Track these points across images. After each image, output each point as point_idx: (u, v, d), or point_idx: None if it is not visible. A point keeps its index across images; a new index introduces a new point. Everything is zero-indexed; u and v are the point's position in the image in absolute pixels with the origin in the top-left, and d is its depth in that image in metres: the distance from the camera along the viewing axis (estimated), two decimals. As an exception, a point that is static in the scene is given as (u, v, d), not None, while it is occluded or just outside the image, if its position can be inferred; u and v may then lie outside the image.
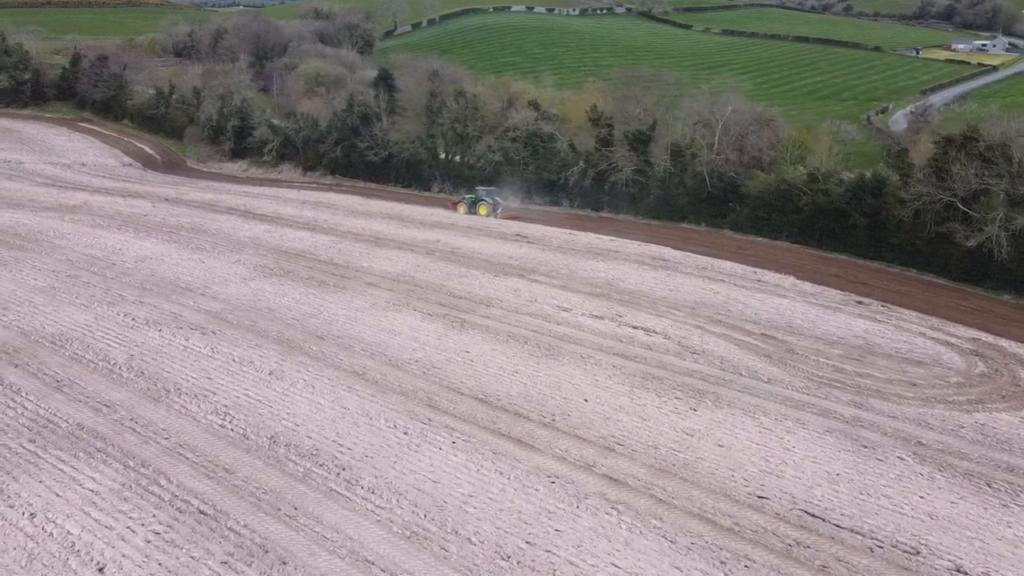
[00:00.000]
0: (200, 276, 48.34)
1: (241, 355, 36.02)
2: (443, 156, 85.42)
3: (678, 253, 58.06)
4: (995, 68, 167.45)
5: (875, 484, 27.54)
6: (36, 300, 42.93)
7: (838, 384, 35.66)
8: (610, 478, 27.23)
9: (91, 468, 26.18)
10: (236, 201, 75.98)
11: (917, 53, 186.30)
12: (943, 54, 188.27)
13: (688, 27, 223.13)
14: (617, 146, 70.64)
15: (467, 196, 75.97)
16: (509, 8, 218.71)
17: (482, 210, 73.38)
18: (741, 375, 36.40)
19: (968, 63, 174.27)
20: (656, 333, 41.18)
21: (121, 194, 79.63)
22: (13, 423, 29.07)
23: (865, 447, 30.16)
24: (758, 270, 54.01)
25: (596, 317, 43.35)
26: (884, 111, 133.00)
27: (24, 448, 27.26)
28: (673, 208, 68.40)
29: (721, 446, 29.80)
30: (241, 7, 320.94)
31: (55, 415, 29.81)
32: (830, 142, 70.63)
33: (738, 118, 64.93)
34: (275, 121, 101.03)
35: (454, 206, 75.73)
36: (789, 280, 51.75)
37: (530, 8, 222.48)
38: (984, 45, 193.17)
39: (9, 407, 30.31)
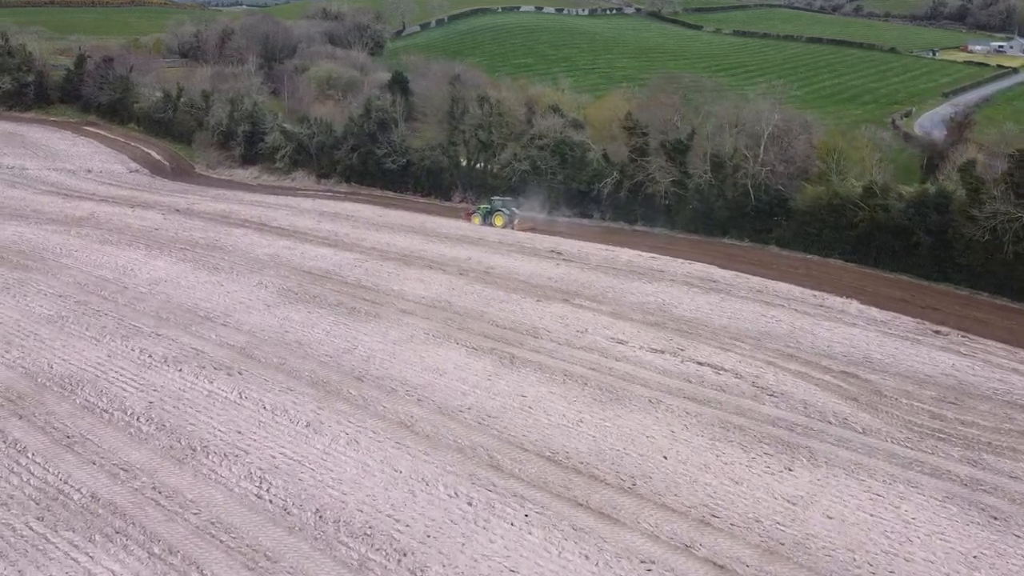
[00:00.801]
0: (220, 302, 44.18)
1: (273, 402, 31.87)
2: (464, 163, 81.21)
3: (727, 273, 53.88)
4: (1015, 70, 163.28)
5: (1021, 571, 23.45)
6: (42, 332, 38.79)
7: (942, 435, 31.53)
8: (714, 563, 23.17)
9: (109, 556, 22.11)
10: (250, 212, 71.80)
11: (934, 55, 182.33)
12: (960, 56, 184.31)
13: (699, 28, 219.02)
14: (652, 156, 66.39)
15: (482, 206, 72.03)
16: (518, 8, 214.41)
17: (498, 221, 69.44)
18: (831, 423, 32.29)
19: (987, 65, 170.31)
20: (725, 371, 37.05)
21: (129, 204, 75.44)
22: (19, 494, 24.97)
23: (995, 519, 26.07)
24: (817, 293, 49.86)
25: (656, 351, 39.21)
26: (908, 115, 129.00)
27: (31, 529, 23.17)
28: (713, 222, 64.22)
29: (831, 518, 25.71)
30: (245, 7, 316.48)
31: (66, 482, 25.70)
32: (868, 151, 66.68)
33: (787, 127, 60.69)
34: (288, 126, 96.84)
35: (468, 216, 71.78)
36: (854, 305, 47.58)
37: (539, 8, 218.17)
38: (1001, 46, 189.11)
39: (14, 472, 26.21)
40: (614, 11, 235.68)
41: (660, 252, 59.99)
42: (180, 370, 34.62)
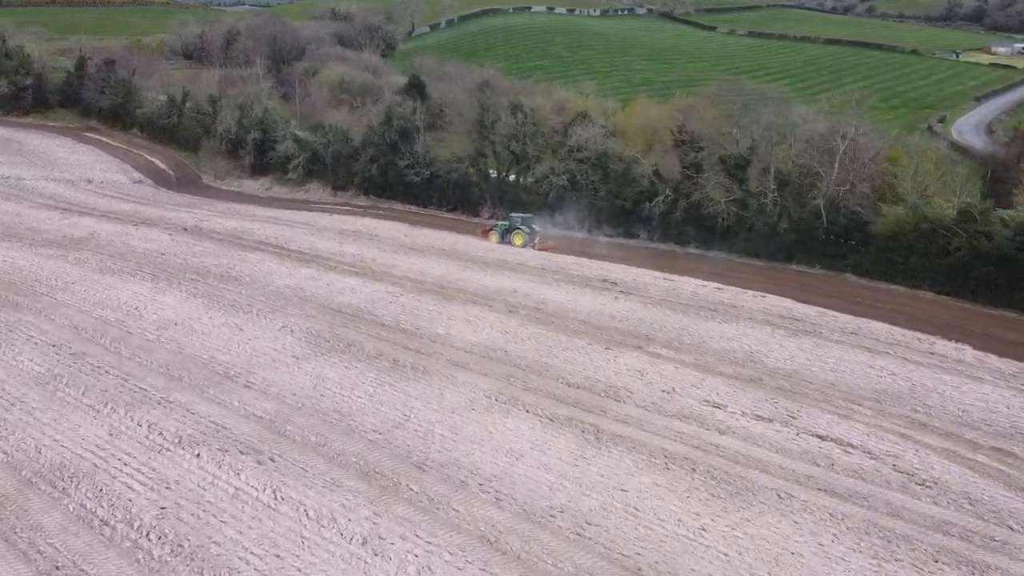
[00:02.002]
0: (240, 353, 37.28)
1: (317, 506, 25.02)
2: (494, 175, 74.31)
3: (809, 309, 47.07)
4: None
5: None
6: (31, 399, 31.91)
7: None
8: None
9: None
10: (265, 231, 64.87)
11: (957, 56, 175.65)
12: (984, 57, 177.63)
13: (712, 28, 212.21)
14: (708, 172, 59.57)
15: (500, 223, 65.59)
16: (529, 8, 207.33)
17: (517, 240, 63.05)
18: (1013, 529, 25.51)
19: (1014, 67, 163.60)
20: (854, 448, 30.27)
21: (133, 220, 68.48)
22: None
23: None
24: (920, 335, 43.07)
25: (763, 419, 32.40)
26: (942, 120, 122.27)
27: None
28: (776, 246, 57.45)
29: None
30: (248, 6, 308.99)
31: (54, 647, 18.86)
32: (933, 164, 60.05)
33: (867, 142, 53.91)
34: (301, 134, 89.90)
35: (484, 234, 65.50)
36: (968, 352, 40.79)
37: (550, 9, 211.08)
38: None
39: (-17, 630, 19.37)
40: (626, 11, 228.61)
41: (723, 281, 53.23)
42: (198, 455, 27.74)
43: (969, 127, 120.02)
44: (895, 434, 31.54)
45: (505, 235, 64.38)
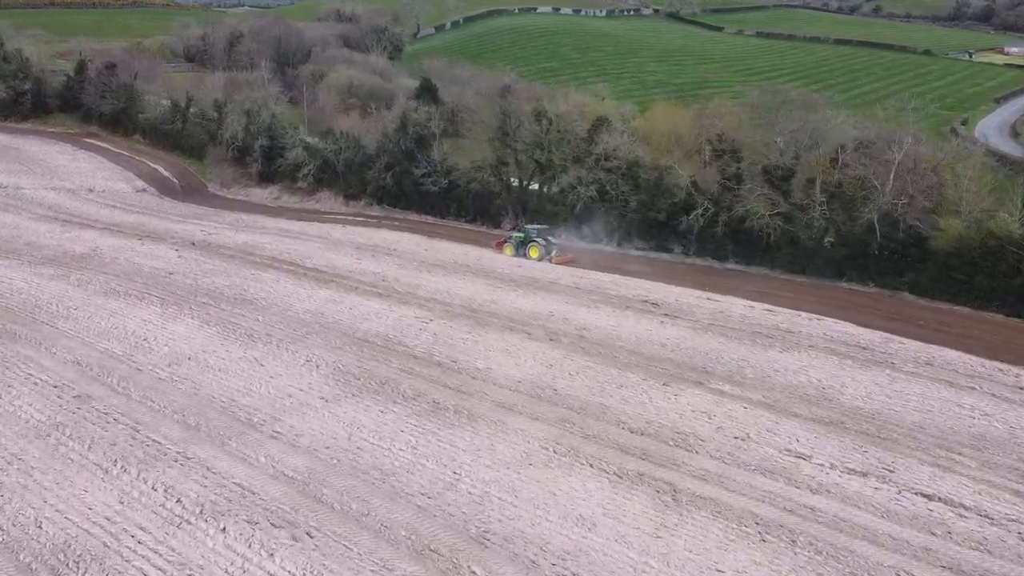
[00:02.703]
0: (263, 395, 33.32)
1: (368, 598, 21.09)
2: (515, 184, 70.35)
3: (873, 335, 43.23)
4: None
5: None
6: (31, 456, 27.91)
7: None
8: None
9: None
10: (277, 246, 60.93)
11: (970, 57, 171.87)
12: (998, 58, 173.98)
13: (719, 29, 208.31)
14: (749, 183, 55.67)
15: (515, 235, 61.93)
16: (535, 9, 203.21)
17: (533, 253, 59.52)
18: None
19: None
20: (968, 511, 26.42)
21: (137, 234, 64.50)
22: None
23: None
24: (1003, 366, 39.26)
25: (856, 474, 28.52)
26: (964, 122, 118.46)
27: None
28: (824, 261, 53.63)
29: None
30: (248, 8, 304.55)
31: None
32: (979, 171, 56.24)
33: (924, 151, 50.09)
34: (311, 140, 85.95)
35: (499, 246, 61.90)
36: (1059, 387, 36.93)
37: (556, 9, 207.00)
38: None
39: None
40: (631, 12, 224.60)
41: (772, 301, 49.43)
42: (223, 529, 23.78)
43: (992, 129, 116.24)
44: (1009, 491, 27.68)
45: (520, 248, 60.79)
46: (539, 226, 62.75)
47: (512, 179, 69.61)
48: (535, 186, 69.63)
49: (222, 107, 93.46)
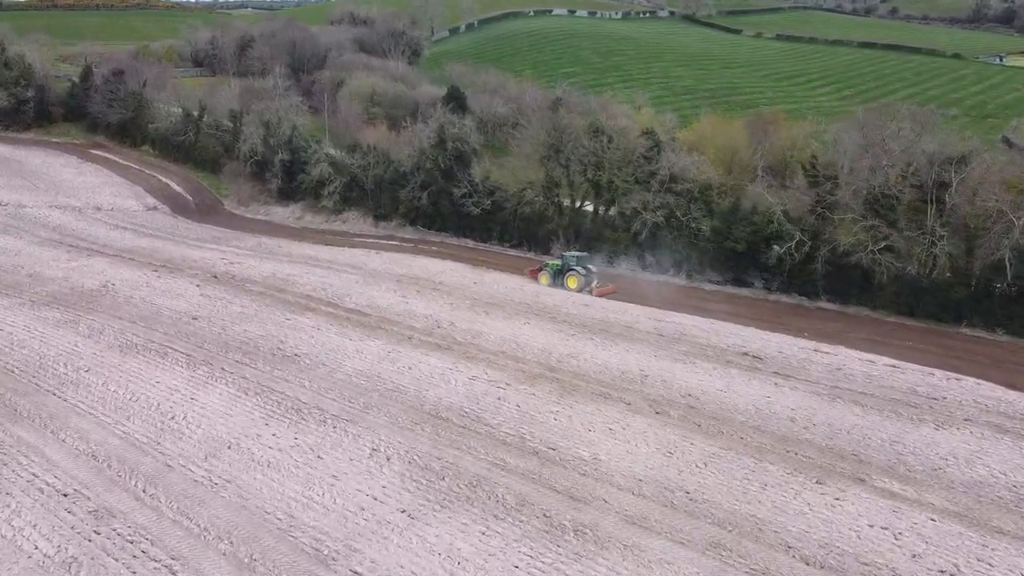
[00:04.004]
0: (329, 506, 25.98)
1: None
2: (567, 205, 63.05)
3: (1035, 402, 35.94)
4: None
5: None
6: (34, 619, 20.55)
7: None
8: None
9: None
10: (309, 279, 53.67)
11: (1001, 60, 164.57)
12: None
13: (737, 32, 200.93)
14: (846, 211, 48.40)
15: (551, 263, 55.65)
16: (550, 11, 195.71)
17: (572, 283, 53.28)
18: None
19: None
20: None
21: (152, 264, 57.17)
22: None
23: None
24: None
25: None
26: (1014, 130, 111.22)
27: None
28: (939, 303, 46.36)
29: None
30: (251, 10, 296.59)
31: None
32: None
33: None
34: (335, 153, 78.56)
35: (534, 274, 55.84)
36: None
37: (572, 11, 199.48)
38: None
39: None
40: (647, 14, 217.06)
41: (891, 353, 42.33)
42: None
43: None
44: None
45: (557, 277, 54.33)
46: (577, 253, 56.07)
47: (564, 200, 62.17)
48: (588, 206, 62.32)
49: (238, 118, 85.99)
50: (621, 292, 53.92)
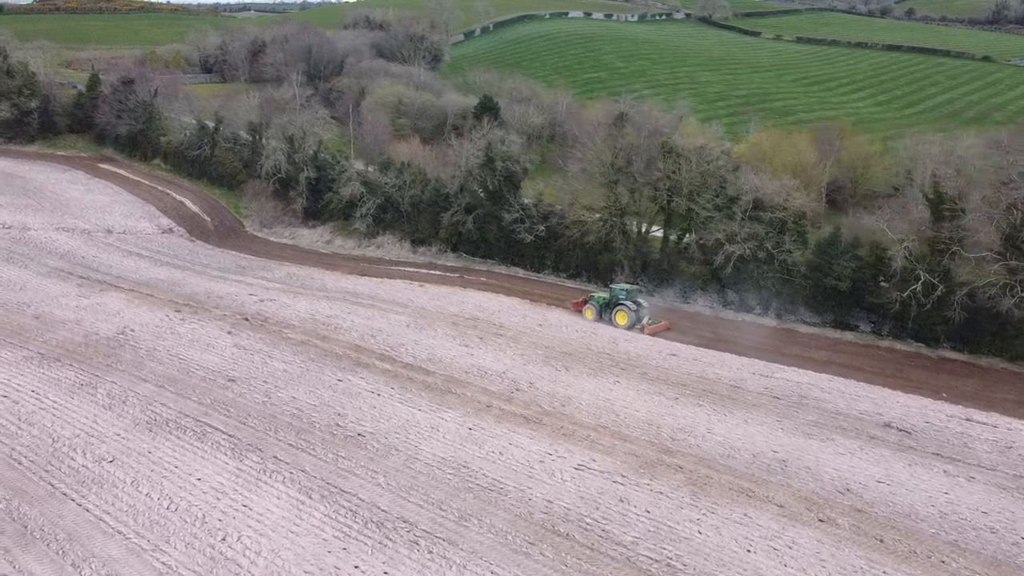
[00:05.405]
0: None
1: None
2: (633, 231, 56.07)
3: None
4: None
5: None
6: None
7: None
8: None
9: None
10: (352, 320, 46.80)
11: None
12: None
13: (756, 34, 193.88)
14: (973, 247, 41.42)
15: (597, 295, 49.57)
16: (566, 14, 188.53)
17: (621, 319, 47.31)
18: None
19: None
20: None
21: (174, 302, 50.14)
22: None
23: None
24: None
25: None
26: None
27: None
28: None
29: None
30: (254, 12, 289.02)
31: None
32: None
33: None
34: (365, 168, 71.55)
35: (578, 307, 49.86)
36: None
37: (587, 14, 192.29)
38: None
39: None
40: (663, 16, 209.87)
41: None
42: None
43: None
44: None
45: (605, 311, 48.19)
46: (627, 286, 49.70)
47: (631, 227, 55.19)
48: (655, 231, 55.40)
49: (258, 131, 78.86)
50: (706, 335, 47.06)
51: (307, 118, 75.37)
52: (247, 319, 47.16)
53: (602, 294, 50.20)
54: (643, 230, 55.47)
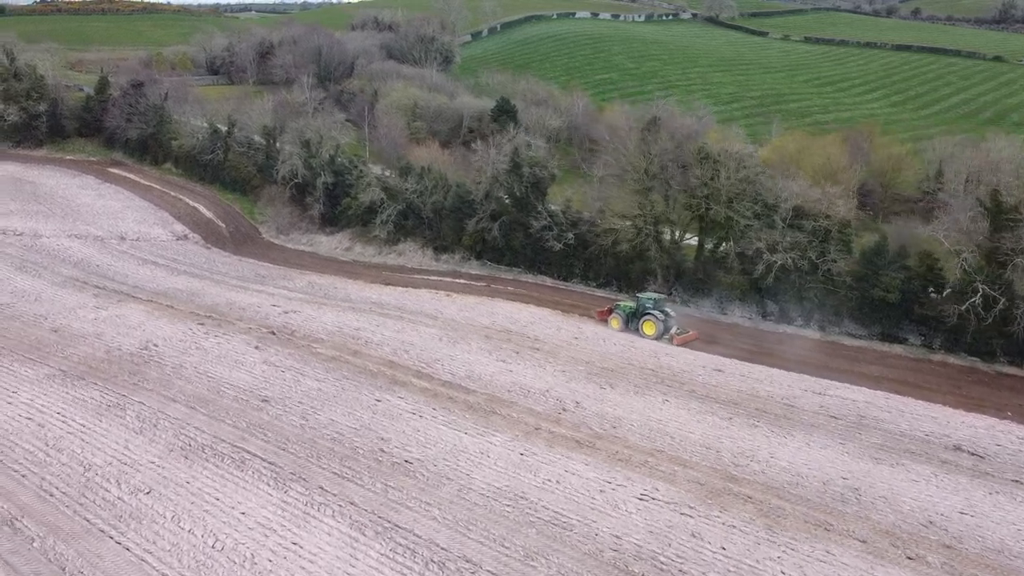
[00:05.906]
0: None
1: None
2: (667, 238, 54.29)
3: None
4: None
5: None
6: None
7: None
8: None
9: None
10: (382, 334, 45.02)
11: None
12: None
13: (763, 34, 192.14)
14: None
15: (623, 304, 47.76)
16: (573, 14, 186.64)
17: (648, 329, 45.68)
18: None
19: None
20: None
21: (195, 314, 48.35)
22: None
23: None
24: None
25: None
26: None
27: None
28: None
29: None
30: (256, 13, 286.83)
31: None
32: None
33: None
34: (383, 172, 69.74)
35: (603, 316, 48.30)
36: None
37: (595, 14, 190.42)
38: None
39: None
40: (670, 16, 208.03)
41: None
42: None
43: None
44: None
45: (631, 321, 46.55)
46: (654, 295, 48.01)
47: (664, 234, 53.42)
48: (689, 239, 53.66)
49: (273, 135, 76.98)
50: (749, 348, 45.31)
51: (323, 122, 73.44)
52: (273, 332, 45.35)
53: (628, 303, 48.52)
54: (677, 237, 53.66)
